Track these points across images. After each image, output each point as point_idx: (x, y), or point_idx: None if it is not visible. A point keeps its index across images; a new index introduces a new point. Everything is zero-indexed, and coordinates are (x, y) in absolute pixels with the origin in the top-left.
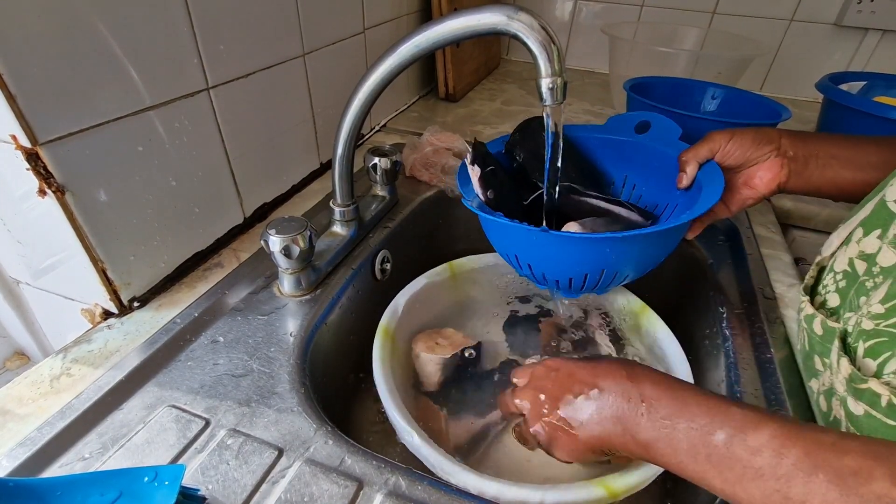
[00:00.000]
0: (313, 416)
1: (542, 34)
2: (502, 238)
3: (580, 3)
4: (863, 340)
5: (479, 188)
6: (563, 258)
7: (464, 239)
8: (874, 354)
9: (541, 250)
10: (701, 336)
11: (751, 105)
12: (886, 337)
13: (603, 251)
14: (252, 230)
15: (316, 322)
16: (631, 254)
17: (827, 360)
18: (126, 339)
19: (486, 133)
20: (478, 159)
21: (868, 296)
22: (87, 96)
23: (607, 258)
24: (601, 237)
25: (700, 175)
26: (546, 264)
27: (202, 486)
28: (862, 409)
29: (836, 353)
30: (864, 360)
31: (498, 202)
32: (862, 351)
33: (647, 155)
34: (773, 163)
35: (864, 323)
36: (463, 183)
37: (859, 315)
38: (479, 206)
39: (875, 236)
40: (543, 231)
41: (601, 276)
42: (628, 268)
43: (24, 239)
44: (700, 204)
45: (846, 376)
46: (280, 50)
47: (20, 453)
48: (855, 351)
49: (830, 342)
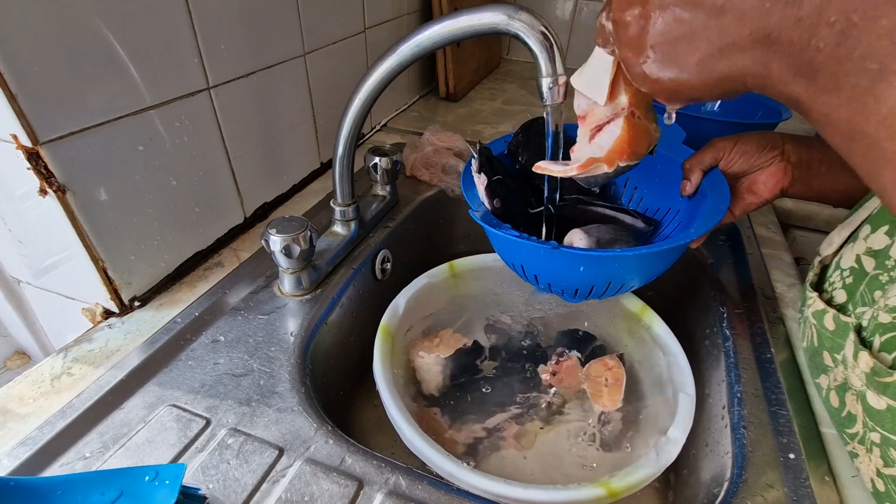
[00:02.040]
0: (314, 416)
1: (542, 34)
2: (508, 249)
3: (581, 2)
4: (879, 334)
5: (486, 197)
6: (571, 272)
7: (464, 239)
8: (891, 348)
9: (548, 263)
10: (701, 336)
11: (751, 104)
12: None
13: (612, 266)
14: (252, 230)
15: (316, 322)
16: (639, 267)
17: (838, 356)
18: (127, 339)
19: (486, 133)
20: (484, 167)
21: (884, 290)
22: (87, 96)
23: (615, 272)
24: (612, 255)
25: (705, 183)
26: (553, 276)
27: (203, 485)
28: (885, 404)
29: (853, 348)
30: (881, 353)
31: (504, 210)
32: (878, 344)
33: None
34: (776, 168)
35: (881, 316)
36: (467, 188)
37: (875, 309)
38: (485, 216)
39: (883, 232)
40: (554, 248)
41: (607, 287)
42: (634, 279)
43: (24, 238)
44: (707, 221)
45: (867, 371)
46: (280, 49)
47: (21, 452)
48: (871, 345)
49: (843, 337)
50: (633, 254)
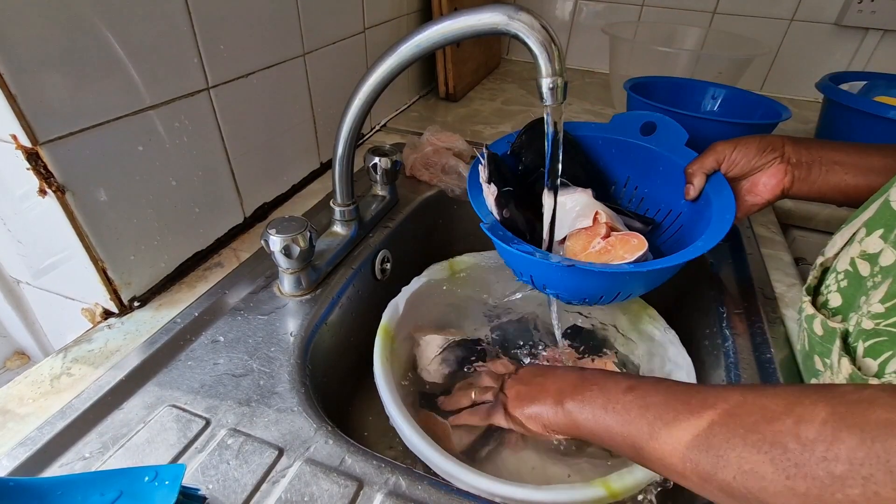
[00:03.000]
0: (313, 416)
1: (542, 34)
2: (518, 261)
3: (580, 2)
4: (862, 340)
5: (495, 208)
6: (582, 285)
7: (464, 238)
8: (875, 354)
9: (559, 277)
10: (701, 336)
11: (751, 105)
12: (886, 336)
13: (623, 278)
14: (252, 230)
15: (316, 322)
16: (648, 278)
17: (827, 361)
18: (126, 339)
19: (486, 133)
20: (493, 175)
21: (868, 295)
22: (87, 96)
23: (626, 283)
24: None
25: (708, 187)
26: (562, 286)
27: (202, 485)
28: None
29: (837, 354)
30: (865, 359)
31: (513, 220)
32: (862, 350)
33: (652, 159)
34: (777, 169)
35: (864, 322)
36: (474, 195)
37: (859, 315)
38: (494, 227)
39: (878, 236)
40: (568, 265)
41: (616, 297)
42: (640, 288)
43: (24, 238)
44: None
45: (847, 376)
46: (280, 49)
47: (20, 453)
48: (855, 351)
49: (831, 343)
50: (646, 269)
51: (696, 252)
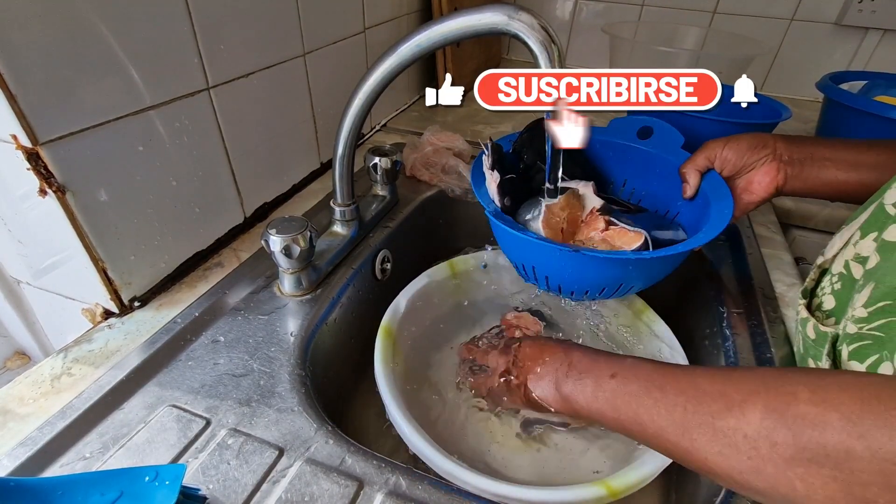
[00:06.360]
0: (314, 416)
1: (542, 34)
2: (519, 250)
3: (580, 2)
4: (847, 344)
5: (497, 195)
6: (585, 274)
7: (464, 238)
8: (860, 357)
9: (562, 265)
10: (701, 336)
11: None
12: (870, 340)
13: (626, 268)
14: (252, 230)
15: (316, 322)
16: (650, 269)
17: (820, 363)
18: (127, 339)
19: (486, 133)
20: (496, 164)
21: (853, 299)
22: (87, 96)
23: (629, 274)
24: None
25: (705, 185)
26: (564, 277)
27: (203, 485)
28: None
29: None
30: (850, 363)
31: (514, 209)
32: (846, 354)
33: (648, 161)
34: (769, 167)
35: (848, 327)
36: (477, 185)
37: (846, 320)
38: (498, 214)
39: (871, 239)
40: (578, 252)
41: (617, 289)
42: (642, 281)
43: (24, 238)
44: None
45: None
46: (280, 49)
47: (21, 453)
48: (840, 355)
49: (822, 346)
50: (649, 256)
51: (699, 241)
